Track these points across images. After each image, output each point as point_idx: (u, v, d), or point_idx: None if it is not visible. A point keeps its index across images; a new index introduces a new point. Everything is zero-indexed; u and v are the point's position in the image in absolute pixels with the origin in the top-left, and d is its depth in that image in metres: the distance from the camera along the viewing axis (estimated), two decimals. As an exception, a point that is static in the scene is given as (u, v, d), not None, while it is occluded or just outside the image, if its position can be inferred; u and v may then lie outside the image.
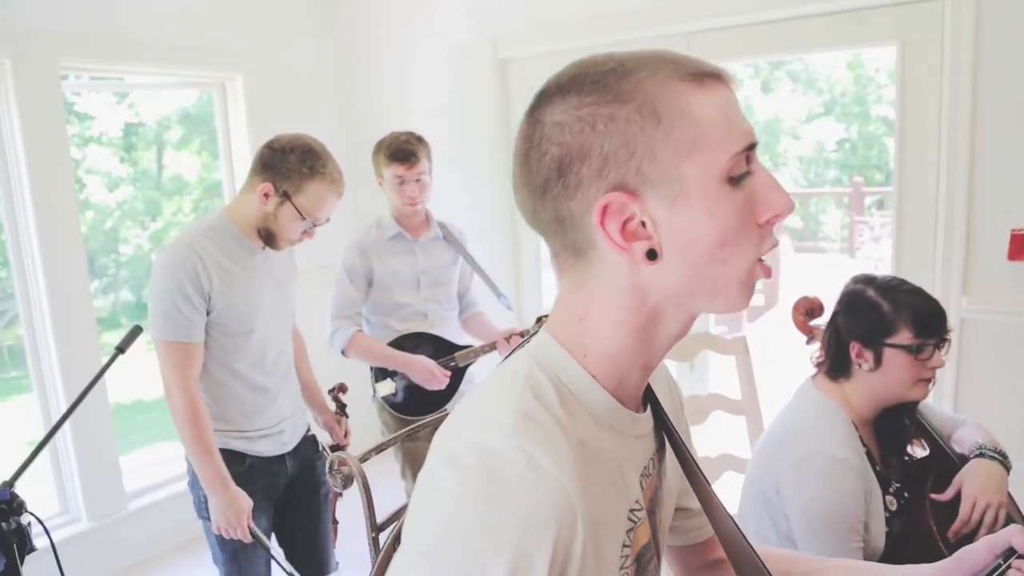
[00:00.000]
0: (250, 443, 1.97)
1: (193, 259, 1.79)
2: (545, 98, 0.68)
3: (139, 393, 7.55)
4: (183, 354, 1.81)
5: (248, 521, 1.88)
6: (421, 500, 0.64)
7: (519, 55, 3.45)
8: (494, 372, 0.74)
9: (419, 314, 2.57)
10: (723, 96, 0.67)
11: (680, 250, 0.66)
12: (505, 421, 0.64)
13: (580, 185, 0.65)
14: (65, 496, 3.18)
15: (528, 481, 0.60)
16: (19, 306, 3.05)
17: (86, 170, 7.96)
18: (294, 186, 1.86)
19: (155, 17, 3.20)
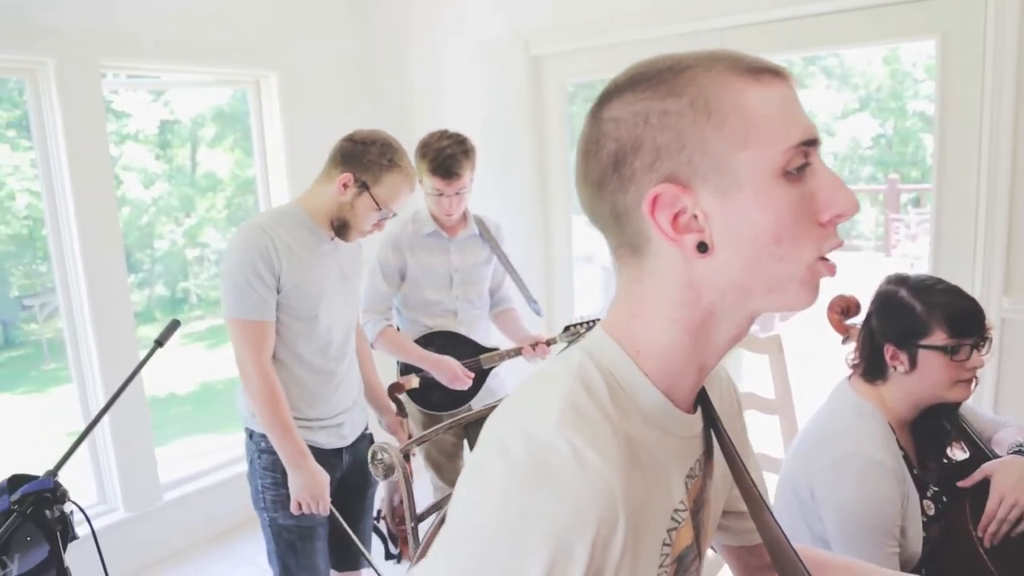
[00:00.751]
0: (310, 432, 1.98)
1: (264, 239, 1.83)
2: (605, 97, 0.70)
3: (173, 386, 7.68)
4: (257, 333, 1.83)
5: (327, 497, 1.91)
6: (468, 484, 0.65)
7: (551, 52, 3.44)
8: (548, 363, 0.75)
9: (449, 312, 2.57)
10: (781, 91, 0.66)
11: (733, 244, 0.66)
12: (554, 412, 0.64)
13: (633, 177, 0.67)
14: (103, 486, 3.24)
15: (574, 473, 0.60)
16: (59, 300, 3.11)
17: (123, 167, 8.11)
18: (373, 177, 1.90)
19: (192, 16, 3.25)
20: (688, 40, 2.99)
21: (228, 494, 3.51)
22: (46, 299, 8.37)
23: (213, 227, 8.93)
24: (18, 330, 8.76)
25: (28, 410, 7.67)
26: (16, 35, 2.76)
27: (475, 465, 0.66)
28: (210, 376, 8.06)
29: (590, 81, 3.53)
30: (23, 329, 8.77)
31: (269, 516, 1.98)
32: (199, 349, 8.75)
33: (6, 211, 7.97)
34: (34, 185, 7.55)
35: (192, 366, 8.20)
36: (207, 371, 8.16)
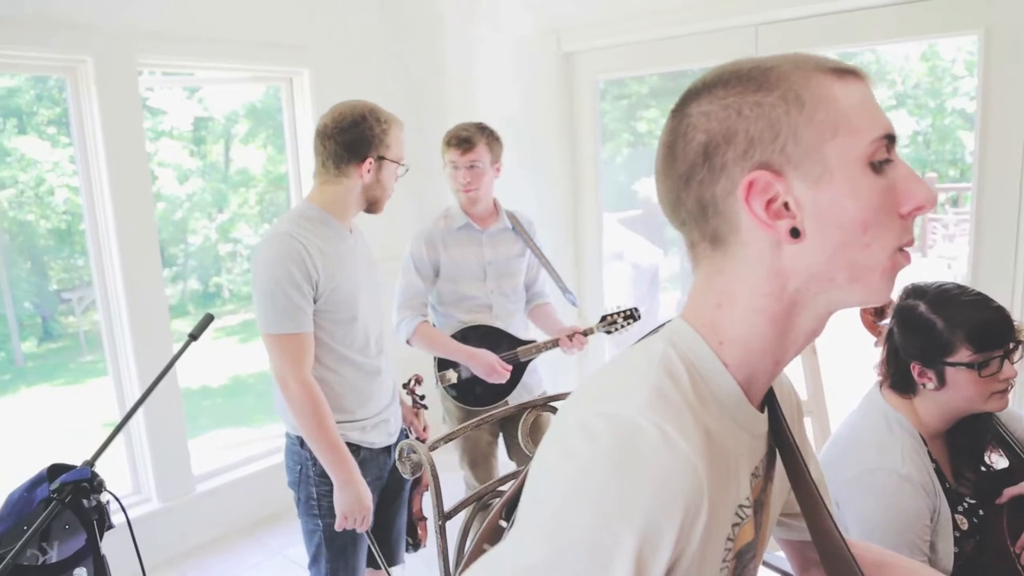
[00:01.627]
0: (364, 433, 1.97)
1: (297, 247, 1.79)
2: (691, 94, 0.72)
3: (206, 379, 7.80)
4: (298, 346, 1.80)
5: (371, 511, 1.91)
6: (548, 466, 0.65)
7: (583, 48, 3.42)
8: (625, 352, 0.76)
9: (484, 306, 2.57)
10: (861, 89, 0.70)
11: (823, 230, 0.67)
12: (640, 396, 0.65)
13: (725, 167, 0.68)
14: (137, 477, 3.30)
15: (663, 454, 0.61)
16: (96, 293, 3.17)
17: (158, 163, 8.24)
18: (383, 146, 1.92)
19: (226, 15, 3.29)
20: (722, 36, 2.96)
21: (259, 487, 3.56)
22: (84, 292, 8.54)
23: (245, 223, 9.05)
24: (57, 323, 8.95)
25: (66, 401, 7.84)
26: (57, 34, 2.82)
27: (554, 447, 0.66)
28: (242, 369, 8.17)
29: (620, 79, 3.52)
30: (61, 322, 8.96)
31: (324, 523, 1.94)
32: (231, 343, 8.88)
33: (46, 206, 8.15)
34: (73, 181, 7.72)
35: (224, 359, 8.32)
36: (239, 364, 8.27)
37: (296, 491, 1.99)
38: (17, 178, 7.88)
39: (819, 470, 0.96)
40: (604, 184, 3.66)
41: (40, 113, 8.18)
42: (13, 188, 7.89)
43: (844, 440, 1.52)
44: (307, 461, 1.92)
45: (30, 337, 8.73)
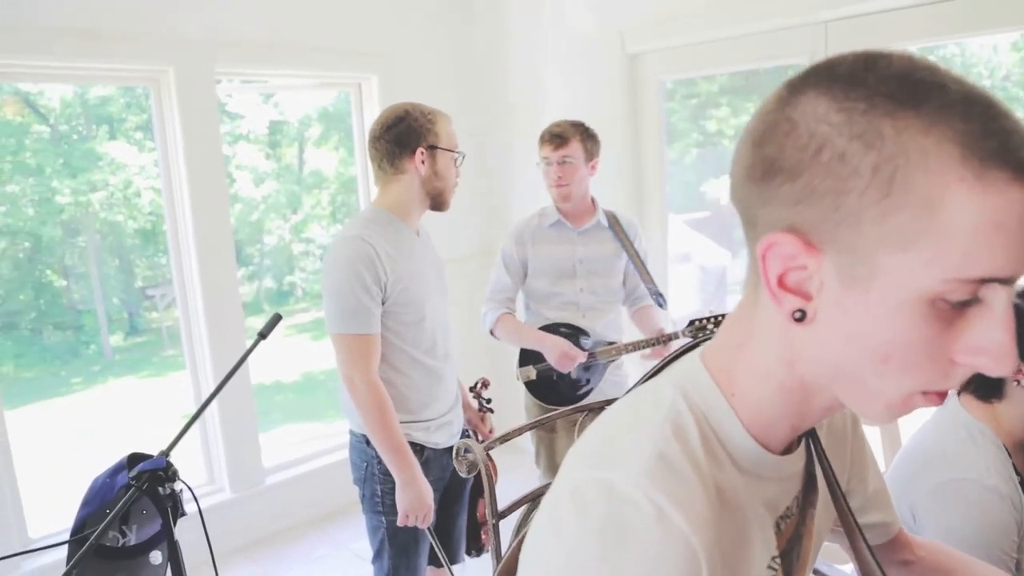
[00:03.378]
0: (428, 434, 2.00)
1: (367, 249, 1.82)
2: (809, 77, 0.57)
3: (279, 375, 8.05)
4: (366, 347, 1.84)
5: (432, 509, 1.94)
6: (540, 532, 0.62)
7: (647, 49, 3.40)
8: (634, 395, 0.70)
9: (571, 304, 2.55)
10: (1008, 205, 0.49)
11: (837, 331, 0.56)
12: (639, 461, 0.60)
13: (773, 201, 0.57)
14: (211, 467, 3.44)
15: (655, 535, 0.56)
16: (176, 291, 3.32)
17: (235, 166, 8.54)
18: (433, 135, 1.95)
19: (299, 24, 3.40)
20: (792, 34, 2.89)
21: (327, 481, 3.66)
22: (166, 290, 8.93)
23: (318, 223, 9.29)
24: (141, 318, 9.37)
25: (149, 392, 8.21)
26: (142, 47, 2.97)
27: (548, 510, 0.62)
28: (314, 366, 8.38)
29: (688, 78, 3.48)
30: (145, 317, 9.37)
31: (388, 519, 1.98)
32: (303, 340, 9.12)
33: (133, 207, 8.54)
34: (157, 183, 8.07)
35: (296, 356, 8.55)
36: (311, 361, 8.50)
37: (361, 487, 2.03)
38: (107, 181, 8.28)
39: (879, 475, 0.92)
40: (670, 185, 3.62)
41: (128, 119, 8.58)
42: (104, 190, 8.29)
43: (921, 451, 1.47)
44: (372, 459, 1.96)
45: (117, 331, 9.17)
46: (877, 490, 0.91)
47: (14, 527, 2.84)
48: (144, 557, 1.54)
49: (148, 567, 1.55)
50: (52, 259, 8.53)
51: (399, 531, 1.98)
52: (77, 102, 8.29)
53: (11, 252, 8.18)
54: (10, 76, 3.17)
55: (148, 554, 1.55)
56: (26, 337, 8.46)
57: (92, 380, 8.60)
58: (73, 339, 8.82)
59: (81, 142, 8.43)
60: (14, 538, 2.82)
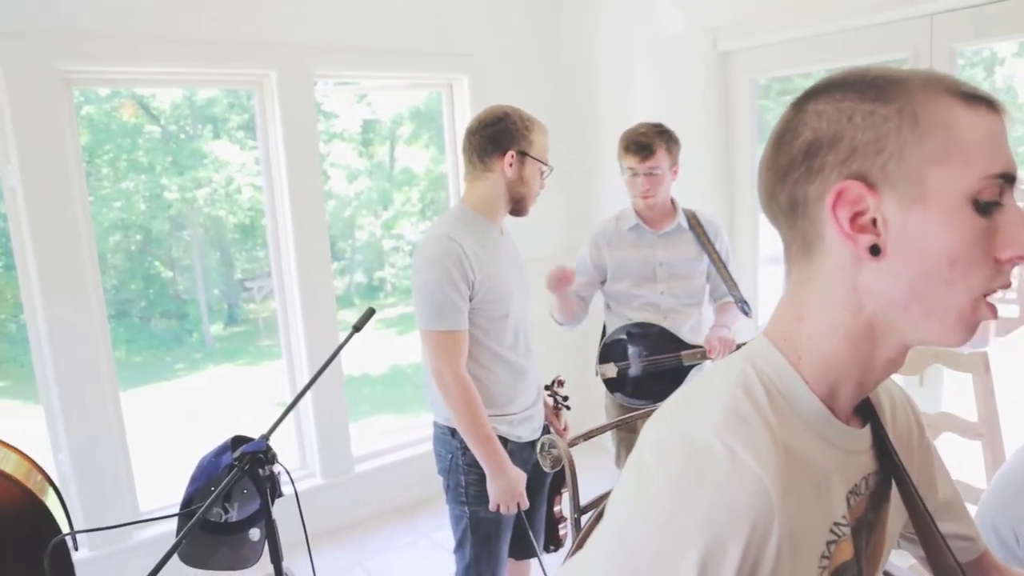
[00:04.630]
0: (511, 428, 2.04)
1: (455, 248, 1.87)
2: (812, 91, 0.71)
3: (366, 368, 8.28)
4: (454, 342, 1.89)
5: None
6: (625, 483, 0.68)
7: (739, 47, 3.33)
8: (708, 371, 0.77)
9: (651, 306, 2.53)
10: (991, 122, 0.66)
11: (906, 255, 0.65)
12: (714, 416, 0.66)
13: (822, 170, 0.67)
14: (304, 453, 3.59)
15: (730, 473, 0.62)
16: (274, 283, 3.48)
17: (330, 163, 8.83)
18: (526, 141, 1.98)
19: (392, 27, 3.50)
20: (892, 29, 2.78)
21: (412, 471, 3.75)
22: (263, 282, 9.33)
23: (407, 220, 9.51)
24: (239, 309, 9.82)
25: (245, 379, 8.59)
26: (247, 52, 3.14)
27: (633, 465, 0.68)
28: (401, 360, 8.59)
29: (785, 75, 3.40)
30: (243, 308, 9.82)
31: (471, 510, 2.03)
32: (391, 334, 9.36)
33: (234, 203, 8.96)
34: (257, 180, 8.45)
35: (384, 350, 8.78)
36: (398, 355, 8.71)
37: (445, 478, 2.08)
38: (211, 178, 8.71)
39: (951, 484, 0.91)
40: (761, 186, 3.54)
41: (231, 119, 8.99)
42: (208, 187, 8.73)
43: (1023, 471, 1.40)
44: (457, 450, 2.01)
45: (217, 321, 9.64)
46: (949, 499, 0.91)
47: (127, 499, 3.05)
48: (244, 533, 1.64)
49: (247, 542, 1.64)
50: (160, 251, 9.03)
51: (481, 522, 2.03)
52: (185, 104, 8.75)
53: (124, 245, 8.71)
54: (128, 82, 3.40)
55: (248, 531, 1.64)
56: (136, 324, 9.00)
57: (194, 366, 9.07)
58: (178, 327, 9.33)
59: (188, 141, 8.89)
60: (127, 509, 3.03)
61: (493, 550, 2.07)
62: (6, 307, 8.10)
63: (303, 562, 1.82)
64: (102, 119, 8.20)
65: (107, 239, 8.17)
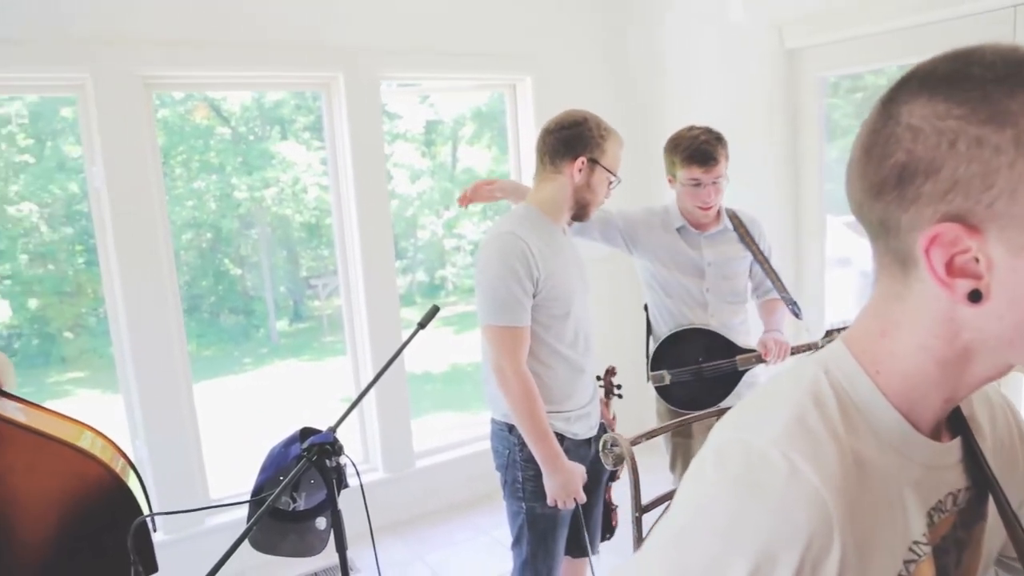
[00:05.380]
0: (568, 424, 2.05)
1: (521, 246, 1.90)
2: (908, 89, 0.60)
3: (428, 365, 8.38)
4: (516, 338, 1.92)
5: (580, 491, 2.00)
6: (684, 488, 0.67)
7: (808, 44, 3.26)
8: (779, 374, 0.73)
9: (699, 304, 2.49)
10: None
11: (1012, 301, 0.58)
12: (777, 425, 0.64)
13: (917, 200, 0.59)
14: (367, 447, 3.67)
15: (787, 485, 0.59)
16: (340, 281, 3.56)
17: (393, 164, 8.97)
18: (599, 150, 1.99)
19: (455, 29, 3.55)
20: (972, 22, 2.66)
21: (472, 468, 3.80)
22: (327, 280, 9.55)
23: (469, 219, 9.58)
24: (304, 306, 10.06)
25: (309, 375, 8.80)
26: (316, 55, 3.23)
27: (694, 469, 0.67)
28: (461, 358, 8.67)
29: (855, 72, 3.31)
30: (308, 305, 10.05)
31: (527, 505, 2.04)
32: (451, 333, 9.45)
33: (300, 202, 9.18)
34: (322, 180, 8.65)
35: (444, 347, 8.88)
36: (458, 353, 8.79)
37: (503, 474, 2.10)
38: (278, 178, 8.94)
39: None
40: (830, 185, 3.47)
41: (298, 121, 9.21)
42: (275, 187, 8.96)
43: None
44: (514, 446, 2.03)
45: (283, 317, 9.90)
46: None
47: (199, 486, 3.17)
48: (311, 522, 1.69)
49: (314, 531, 1.69)
50: (229, 249, 9.32)
51: (538, 518, 2.04)
52: (254, 106, 9.01)
53: (196, 242, 9.02)
54: (203, 85, 3.53)
55: (314, 520, 1.69)
56: (206, 319, 9.31)
57: (261, 361, 9.33)
58: (245, 323, 9.61)
59: (257, 142, 9.15)
60: (199, 496, 3.15)
61: (550, 546, 2.08)
62: (87, 301, 8.48)
63: (365, 553, 1.87)
64: (176, 121, 8.51)
65: (180, 237, 8.47)
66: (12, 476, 1.28)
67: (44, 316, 8.37)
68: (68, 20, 2.75)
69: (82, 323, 8.60)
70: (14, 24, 2.67)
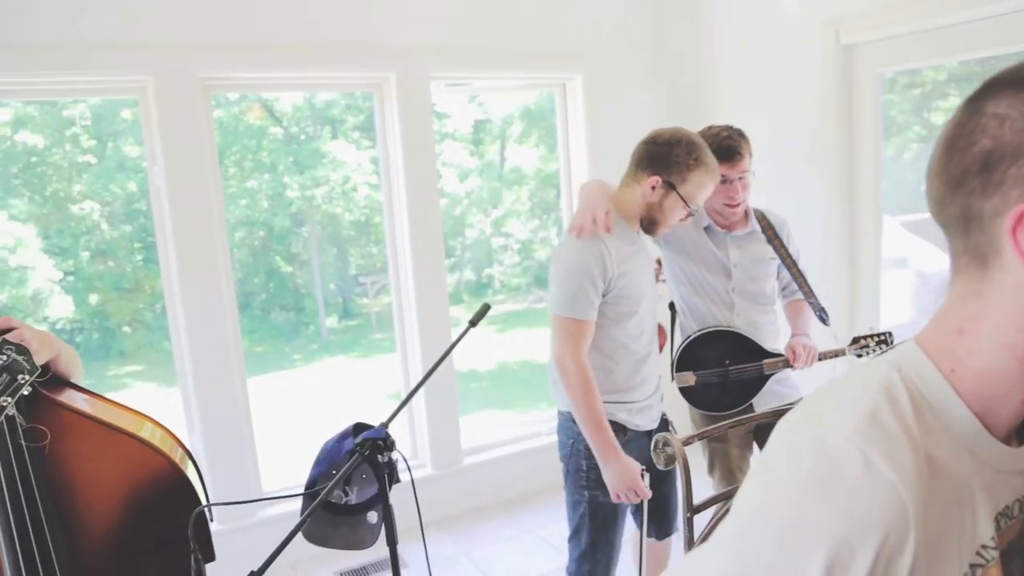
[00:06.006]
0: (630, 415, 2.10)
1: (600, 246, 1.95)
2: (993, 87, 0.62)
3: (475, 364, 8.42)
4: (580, 331, 1.97)
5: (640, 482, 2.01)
6: (752, 482, 0.67)
7: (865, 39, 3.18)
8: (848, 372, 0.73)
9: (726, 304, 2.45)
10: None
11: None
12: (850, 420, 0.63)
13: (1001, 185, 0.60)
14: (415, 444, 3.70)
15: (863, 480, 0.59)
16: (390, 279, 3.60)
17: (442, 163, 9.04)
18: (680, 177, 1.99)
19: (506, 28, 3.55)
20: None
21: (519, 467, 3.81)
22: (376, 278, 9.66)
23: (517, 218, 9.61)
24: (353, 303, 10.21)
25: (357, 371, 8.92)
26: (368, 56, 3.27)
27: (763, 466, 0.67)
28: (508, 357, 8.69)
29: (913, 68, 3.22)
30: (357, 303, 10.20)
31: (590, 494, 2.08)
32: (494, 331, 9.48)
33: (350, 201, 9.31)
34: (371, 179, 8.76)
35: (491, 346, 8.92)
36: (505, 352, 8.82)
37: (566, 463, 2.14)
38: (329, 177, 9.09)
39: None
40: (886, 184, 3.38)
41: (348, 120, 9.35)
42: (326, 186, 9.11)
43: None
44: (578, 436, 2.06)
45: (332, 314, 10.06)
46: None
47: (252, 479, 3.24)
48: (362, 515, 1.71)
49: (365, 524, 1.72)
50: (281, 247, 9.50)
51: (600, 507, 2.07)
52: (306, 106, 9.17)
53: (249, 240, 9.22)
54: (259, 87, 3.60)
55: (366, 513, 1.72)
56: (257, 316, 9.51)
57: (310, 357, 9.50)
58: (295, 320, 9.79)
59: (308, 142, 9.32)
60: (252, 489, 3.22)
61: (610, 536, 2.11)
62: (144, 297, 8.75)
63: (412, 548, 1.90)
64: (230, 122, 8.71)
65: (233, 235, 8.67)
66: (78, 462, 1.33)
67: (104, 311, 8.65)
68: (132, 26, 2.84)
69: (139, 318, 8.86)
70: (82, 30, 2.76)
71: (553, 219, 9.53)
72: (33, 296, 7.84)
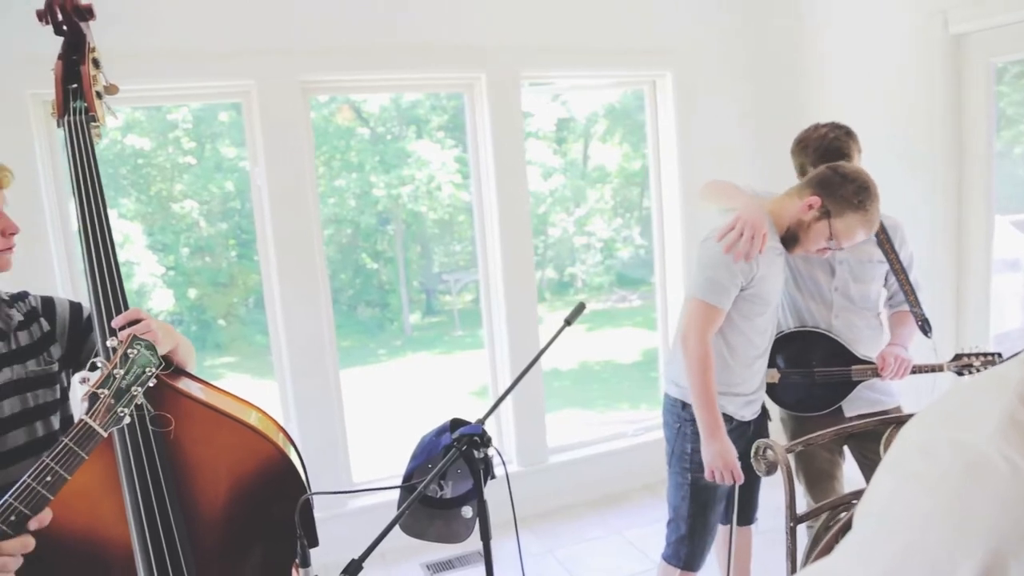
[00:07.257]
0: (736, 406, 2.18)
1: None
2: None
3: (557, 362, 8.42)
4: (711, 316, 2.06)
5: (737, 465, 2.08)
6: (883, 488, 0.64)
7: (976, 28, 3.02)
8: (978, 376, 0.71)
9: (824, 303, 2.37)
10: None
11: None
12: (990, 423, 0.61)
13: None
14: (502, 441, 3.73)
15: (1009, 485, 0.57)
16: (479, 276, 3.64)
17: (526, 161, 9.06)
18: (838, 209, 2.04)
19: (595, 26, 3.54)
20: None
21: (604, 467, 3.79)
22: (459, 275, 9.77)
23: (600, 217, 9.55)
24: (437, 300, 10.35)
25: (440, 367, 9.04)
26: (459, 57, 3.32)
27: (892, 469, 0.64)
28: (590, 356, 8.65)
29: None
30: (440, 300, 10.34)
31: (693, 476, 2.16)
32: (579, 330, 9.44)
33: (434, 200, 9.45)
34: (455, 178, 8.87)
35: (571, 345, 8.89)
36: (586, 351, 8.78)
37: (671, 445, 2.24)
38: (414, 176, 9.25)
39: None
40: (996, 181, 3.20)
41: (432, 120, 9.48)
42: (411, 184, 9.27)
43: None
44: (685, 421, 2.17)
45: (416, 311, 10.23)
46: None
47: (343, 471, 3.33)
48: (457, 510, 1.74)
49: (460, 519, 1.74)
50: (367, 245, 9.73)
51: (702, 489, 2.15)
52: (392, 107, 9.35)
53: (337, 238, 9.47)
54: (353, 89, 3.69)
55: (461, 508, 1.74)
56: (344, 311, 9.75)
57: (394, 353, 9.68)
58: (380, 316, 10.00)
59: (394, 142, 9.50)
60: (343, 479, 3.31)
61: (708, 519, 2.20)
62: (238, 292, 9.10)
63: (504, 543, 1.91)
64: (320, 123, 8.96)
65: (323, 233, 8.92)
66: (196, 447, 1.40)
67: (202, 305, 9.05)
68: (239, 33, 2.97)
69: (234, 312, 9.22)
70: (196, 39, 2.90)
71: (636, 218, 9.41)
72: (138, 290, 8.27)
